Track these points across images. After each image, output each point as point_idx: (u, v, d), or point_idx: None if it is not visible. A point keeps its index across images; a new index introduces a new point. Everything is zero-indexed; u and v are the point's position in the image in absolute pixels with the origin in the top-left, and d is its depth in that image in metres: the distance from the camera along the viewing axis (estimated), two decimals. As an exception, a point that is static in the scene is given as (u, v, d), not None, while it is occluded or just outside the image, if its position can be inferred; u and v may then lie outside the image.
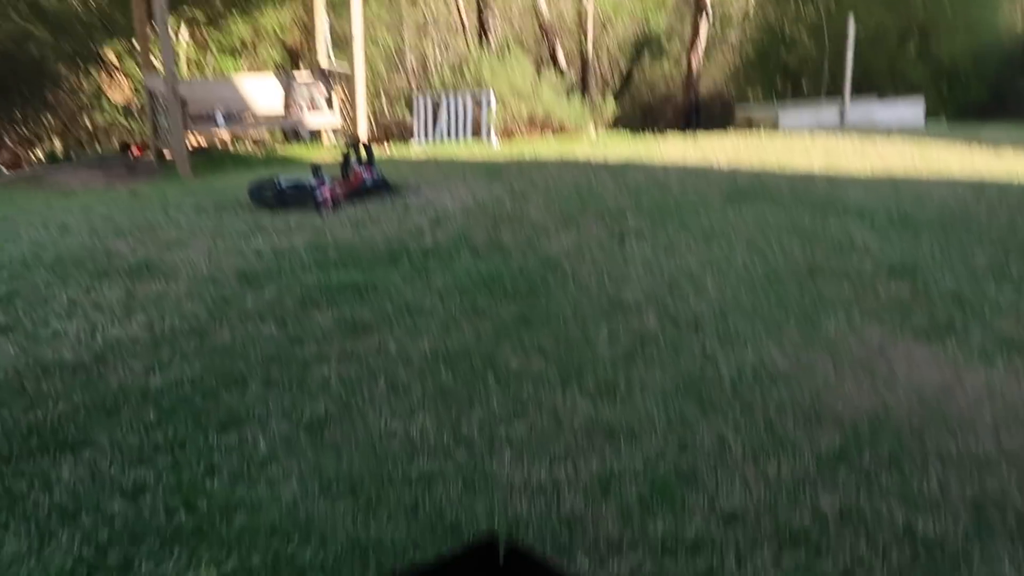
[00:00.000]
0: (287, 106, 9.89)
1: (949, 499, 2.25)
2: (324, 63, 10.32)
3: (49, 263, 4.51)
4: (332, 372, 3.03)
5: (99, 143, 12.97)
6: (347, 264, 4.35)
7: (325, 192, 5.73)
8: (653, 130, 11.43)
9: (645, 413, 2.70)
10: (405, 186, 6.34)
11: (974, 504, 2.23)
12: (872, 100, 11.05)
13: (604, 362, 3.08)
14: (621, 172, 6.77)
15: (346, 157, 6.36)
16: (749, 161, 7.13)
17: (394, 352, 3.20)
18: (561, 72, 12.97)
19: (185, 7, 11.76)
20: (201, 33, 13.43)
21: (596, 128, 11.92)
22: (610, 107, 12.55)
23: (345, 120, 9.93)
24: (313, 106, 9.99)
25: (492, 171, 7.04)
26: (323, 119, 10.12)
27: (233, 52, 13.91)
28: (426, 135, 10.48)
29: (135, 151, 10.13)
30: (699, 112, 13.50)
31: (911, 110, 10.88)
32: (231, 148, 10.52)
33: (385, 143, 10.50)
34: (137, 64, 11.21)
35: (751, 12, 15.26)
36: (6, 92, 11.25)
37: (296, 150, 10.26)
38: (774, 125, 10.58)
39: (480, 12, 13.83)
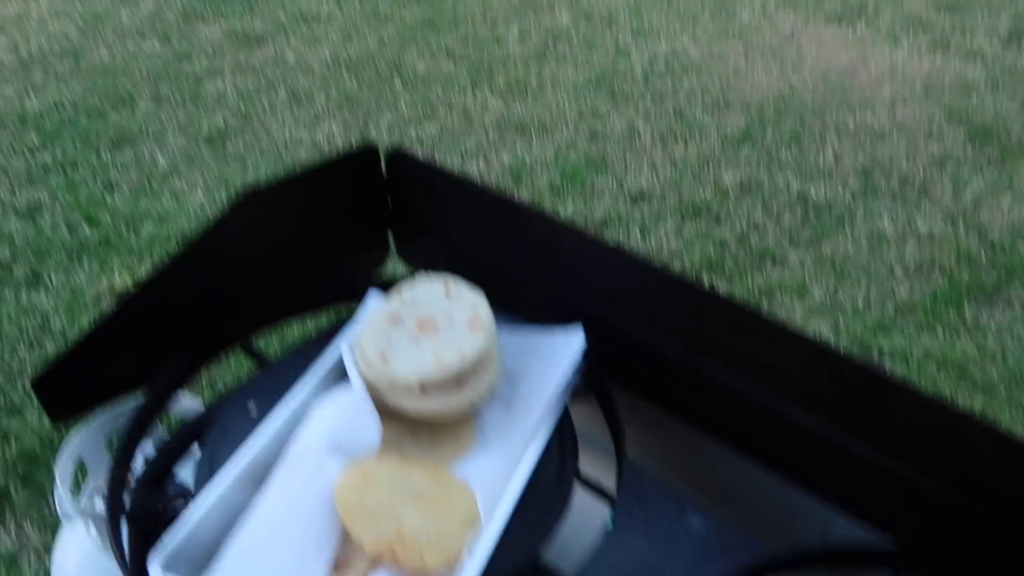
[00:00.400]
0: None
1: (841, 168, 2.37)
2: None
3: None
4: (227, 85, 2.84)
5: None
6: (230, -27, 3.91)
7: None
8: None
9: (556, 108, 2.67)
10: None
11: (863, 171, 2.36)
12: None
13: (515, 61, 2.97)
14: None
15: None
16: None
17: (292, 62, 3.00)
18: None
19: None
20: None
21: None
22: None
23: None
24: None
25: None
26: None
27: None
28: None
29: None
30: None
31: None
32: None
33: None
34: None
35: None
36: None
37: None
38: None
39: None
